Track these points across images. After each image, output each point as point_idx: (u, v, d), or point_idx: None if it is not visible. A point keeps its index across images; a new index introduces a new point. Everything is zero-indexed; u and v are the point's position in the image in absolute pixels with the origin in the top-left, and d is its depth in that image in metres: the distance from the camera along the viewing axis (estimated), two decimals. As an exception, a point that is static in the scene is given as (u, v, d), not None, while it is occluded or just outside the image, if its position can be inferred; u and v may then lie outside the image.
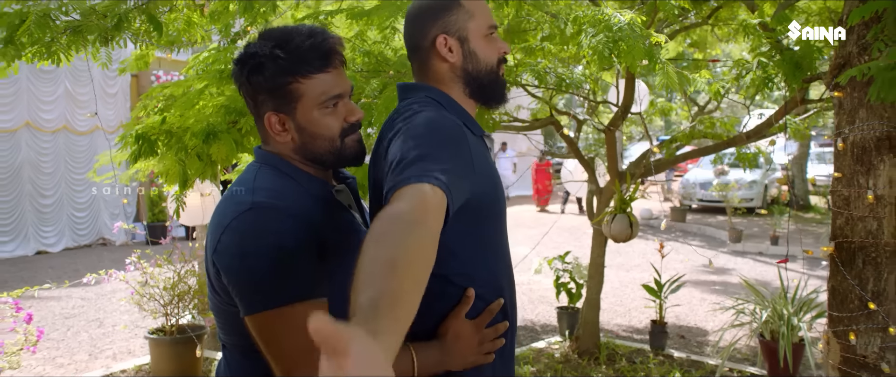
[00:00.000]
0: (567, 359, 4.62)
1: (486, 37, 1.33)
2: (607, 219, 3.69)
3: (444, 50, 1.31)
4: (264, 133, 1.27)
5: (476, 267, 1.27)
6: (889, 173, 2.08)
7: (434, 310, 1.24)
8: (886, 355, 2.06)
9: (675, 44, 5.46)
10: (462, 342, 1.23)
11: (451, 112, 1.28)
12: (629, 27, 2.23)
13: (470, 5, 1.32)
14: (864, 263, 2.12)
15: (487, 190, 1.28)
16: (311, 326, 0.56)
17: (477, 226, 1.26)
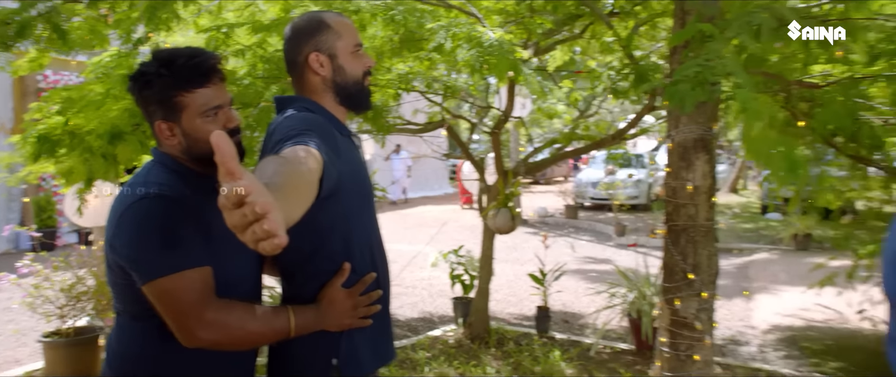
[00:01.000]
0: (460, 344, 5.01)
1: (352, 53, 1.62)
2: (492, 213, 4.08)
3: (316, 65, 1.59)
4: (156, 137, 1.53)
5: (351, 243, 1.56)
6: (703, 168, 2.56)
7: (315, 280, 1.53)
8: (700, 315, 2.54)
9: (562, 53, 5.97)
10: (337, 306, 1.51)
11: (321, 116, 1.56)
12: (498, 44, 2.60)
13: (338, 26, 1.61)
14: (686, 242, 2.59)
15: (356, 177, 1.58)
16: (214, 139, 0.79)
17: (350, 209, 1.55)
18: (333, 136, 1.51)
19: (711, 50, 1.93)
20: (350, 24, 1.66)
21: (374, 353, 1.67)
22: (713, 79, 1.82)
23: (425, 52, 3.76)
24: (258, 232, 0.80)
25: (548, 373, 4.43)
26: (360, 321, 1.57)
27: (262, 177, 1.02)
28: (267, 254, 0.90)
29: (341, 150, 1.51)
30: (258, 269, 1.61)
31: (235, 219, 0.81)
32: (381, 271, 1.67)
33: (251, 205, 0.79)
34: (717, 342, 5.37)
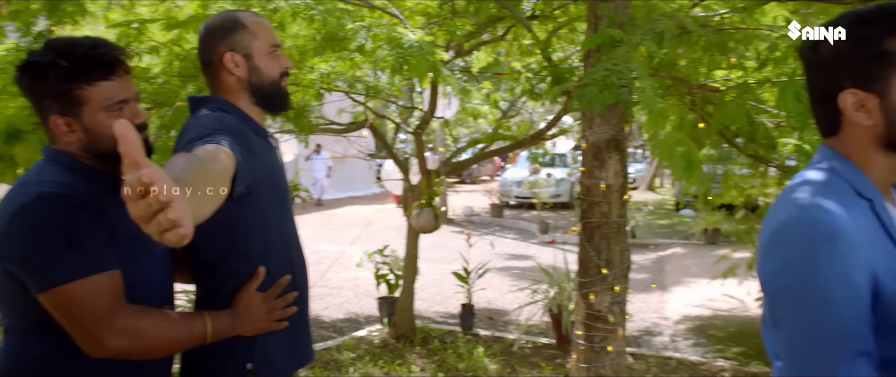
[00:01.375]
0: (385, 344, 5.02)
1: (269, 54, 1.60)
2: (415, 213, 4.11)
3: (231, 65, 1.56)
4: (50, 134, 1.42)
5: (267, 244, 1.55)
6: (615, 167, 2.67)
7: (229, 283, 1.50)
8: (613, 308, 2.66)
9: (485, 54, 6.05)
10: (253, 311, 1.49)
11: (236, 117, 1.54)
12: (418, 45, 2.63)
13: (254, 26, 1.58)
14: (599, 238, 2.70)
15: (272, 178, 1.57)
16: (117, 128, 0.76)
17: (266, 210, 1.54)
18: (248, 136, 1.49)
19: (618, 54, 2.03)
20: (267, 24, 1.65)
21: (291, 355, 1.65)
22: (620, 82, 1.91)
23: (347, 51, 3.76)
24: (163, 222, 0.78)
25: (472, 369, 4.50)
26: (276, 324, 1.55)
27: (172, 172, 0.99)
28: (173, 246, 0.87)
29: (256, 151, 1.49)
30: (169, 272, 1.56)
31: (140, 209, 0.78)
32: (299, 272, 1.66)
33: (156, 193, 0.77)
34: (632, 334, 5.61)
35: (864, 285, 1.05)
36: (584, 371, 2.74)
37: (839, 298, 1.03)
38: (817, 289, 1.05)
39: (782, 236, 1.12)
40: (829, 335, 1.03)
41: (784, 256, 1.11)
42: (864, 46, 1.11)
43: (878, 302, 1.06)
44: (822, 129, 1.22)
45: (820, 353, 1.04)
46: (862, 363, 1.02)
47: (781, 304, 1.12)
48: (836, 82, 1.14)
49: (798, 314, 1.08)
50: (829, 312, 1.04)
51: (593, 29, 2.71)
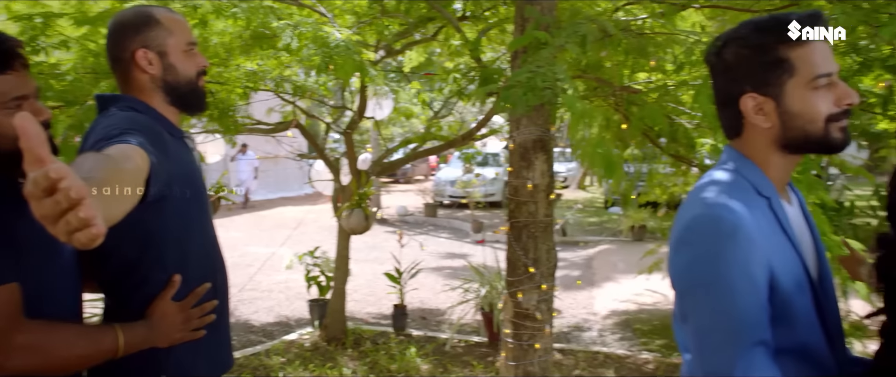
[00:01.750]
0: (316, 347, 4.94)
1: (185, 52, 1.53)
2: (345, 213, 4.07)
3: (144, 62, 1.49)
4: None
5: (185, 251, 1.49)
6: (541, 167, 2.72)
7: (143, 291, 1.43)
8: (541, 306, 2.70)
9: (417, 54, 6.05)
10: (168, 321, 1.42)
11: (149, 117, 1.48)
12: (345, 45, 2.60)
13: (169, 23, 1.52)
14: (527, 238, 2.74)
15: (189, 180, 1.51)
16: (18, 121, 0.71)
17: (182, 214, 1.48)
18: (162, 137, 1.43)
19: (543, 57, 2.06)
20: (183, 20, 1.58)
21: (210, 364, 1.60)
22: (544, 84, 1.95)
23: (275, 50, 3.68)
24: (72, 221, 0.72)
25: (404, 370, 4.49)
26: (193, 333, 1.49)
27: (80, 171, 0.93)
28: (83, 248, 0.81)
29: (171, 152, 1.43)
30: (78, 283, 1.47)
31: (46, 208, 0.72)
32: (219, 278, 1.61)
33: (65, 190, 0.71)
34: (562, 330, 5.73)
35: (762, 279, 1.10)
36: (513, 369, 2.77)
37: (740, 291, 1.09)
38: (720, 284, 1.10)
39: (690, 234, 1.17)
40: (731, 327, 1.09)
41: (691, 253, 1.16)
42: (761, 53, 1.17)
43: (773, 294, 1.12)
44: (726, 131, 1.28)
45: (722, 344, 1.09)
46: (760, 352, 1.07)
47: (689, 299, 1.17)
48: (738, 87, 1.20)
49: (703, 308, 1.13)
50: (731, 305, 1.09)
51: (520, 31, 2.74)
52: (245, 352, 4.83)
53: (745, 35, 1.20)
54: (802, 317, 1.17)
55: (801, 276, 1.17)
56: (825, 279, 1.27)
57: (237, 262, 8.57)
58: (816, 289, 1.20)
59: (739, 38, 1.20)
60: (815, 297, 1.19)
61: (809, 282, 1.19)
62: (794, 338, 1.16)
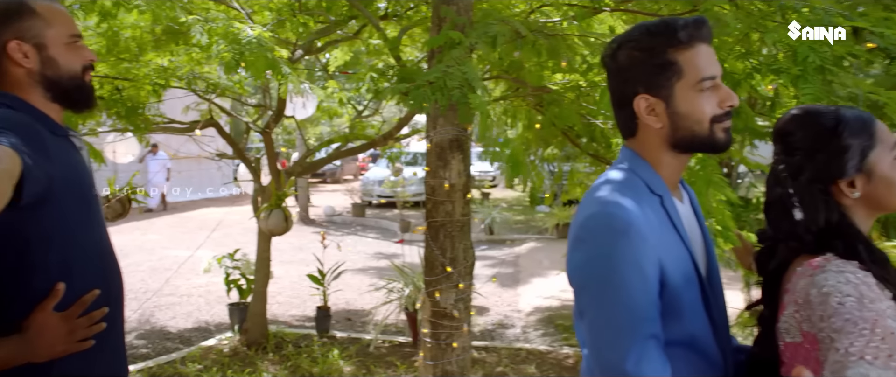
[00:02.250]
0: (235, 352, 4.80)
1: (67, 45, 1.43)
2: (264, 214, 3.96)
3: (18, 55, 1.38)
4: None
5: (71, 257, 1.39)
6: (458, 167, 2.73)
7: (22, 301, 1.33)
8: (458, 305, 2.71)
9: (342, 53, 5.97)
10: (48, 333, 1.32)
11: (24, 113, 1.38)
12: (257, 42, 2.53)
13: (47, 13, 1.41)
14: (444, 237, 2.75)
15: (75, 182, 1.42)
16: None
17: (68, 218, 1.38)
18: (40, 135, 1.34)
19: (452, 56, 2.07)
20: (64, 11, 1.48)
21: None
22: (452, 83, 1.95)
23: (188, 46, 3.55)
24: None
25: (326, 372, 4.42)
26: (79, 345, 1.39)
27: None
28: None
29: (53, 153, 1.34)
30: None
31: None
32: (112, 285, 1.51)
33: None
34: (487, 327, 5.79)
35: (653, 274, 1.14)
36: (432, 369, 2.77)
37: (632, 287, 1.12)
38: (613, 279, 1.13)
39: (585, 232, 1.20)
40: (623, 321, 1.11)
41: (586, 251, 1.18)
42: (651, 56, 1.20)
43: (663, 289, 1.16)
44: (622, 131, 1.31)
45: (615, 338, 1.12)
46: (651, 346, 1.11)
47: (585, 295, 1.20)
48: (631, 88, 1.24)
49: (598, 303, 1.16)
50: (623, 300, 1.12)
51: (437, 30, 2.74)
52: (158, 360, 4.63)
53: (637, 38, 1.23)
54: (690, 309, 1.21)
55: (689, 271, 1.22)
56: (713, 273, 1.32)
57: (155, 266, 8.24)
58: (704, 283, 1.25)
59: (632, 40, 1.23)
60: (702, 291, 1.24)
61: (698, 277, 1.23)
62: (682, 329, 1.20)
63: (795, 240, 1.22)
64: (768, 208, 1.29)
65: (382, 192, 14.14)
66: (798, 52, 1.79)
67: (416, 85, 1.93)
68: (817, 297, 1.09)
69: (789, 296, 1.18)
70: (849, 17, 1.89)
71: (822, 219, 1.20)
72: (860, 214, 1.21)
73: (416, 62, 4.65)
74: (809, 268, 1.15)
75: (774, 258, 1.27)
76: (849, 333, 0.98)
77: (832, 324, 1.02)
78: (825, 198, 1.20)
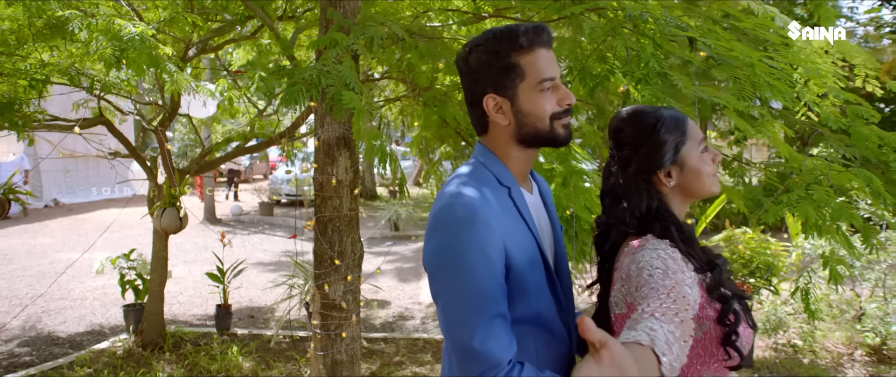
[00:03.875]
0: (130, 353, 4.58)
1: None
2: (158, 213, 3.81)
3: None
4: None
5: None
6: (345, 163, 2.74)
7: None
8: (347, 296, 2.73)
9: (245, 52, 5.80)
10: None
11: None
12: (139, 39, 2.43)
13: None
14: (332, 231, 2.75)
15: None
16: None
17: None
18: None
19: (329, 56, 2.08)
20: None
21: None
22: (327, 81, 1.96)
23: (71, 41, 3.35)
24: None
25: (224, 369, 4.30)
26: None
27: None
28: None
29: None
30: None
31: None
32: None
33: None
34: (388, 319, 5.82)
35: (499, 259, 1.21)
36: (321, 358, 2.77)
37: (478, 271, 1.18)
38: (461, 265, 1.19)
39: (436, 222, 1.25)
40: (471, 302, 1.17)
41: (437, 239, 1.24)
42: (497, 59, 1.28)
43: (509, 272, 1.23)
44: (476, 128, 1.38)
45: (463, 318, 1.18)
46: (497, 324, 1.17)
47: (437, 280, 1.25)
48: (481, 88, 1.30)
49: (448, 286, 1.21)
50: (470, 283, 1.18)
51: (324, 31, 2.74)
52: (43, 367, 4.35)
53: (485, 43, 1.30)
54: (535, 290, 1.29)
55: (535, 255, 1.30)
56: (560, 257, 1.42)
57: (45, 270, 7.70)
58: (549, 266, 1.33)
59: (480, 45, 1.30)
60: (547, 273, 1.32)
61: (543, 260, 1.31)
62: (528, 308, 1.27)
63: (624, 225, 1.33)
64: (603, 196, 1.40)
65: (290, 191, 13.85)
66: (642, 58, 1.93)
67: (291, 82, 1.93)
68: (635, 272, 1.20)
69: (618, 273, 1.29)
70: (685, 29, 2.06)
71: (644, 206, 1.31)
72: (675, 201, 1.34)
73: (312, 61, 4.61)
74: (632, 249, 1.26)
75: (608, 241, 1.38)
76: (650, 298, 1.09)
77: (642, 292, 1.13)
78: (647, 188, 1.32)
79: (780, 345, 4.73)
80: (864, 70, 3.47)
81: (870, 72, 3.56)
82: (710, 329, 1.22)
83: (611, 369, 0.77)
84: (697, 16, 2.14)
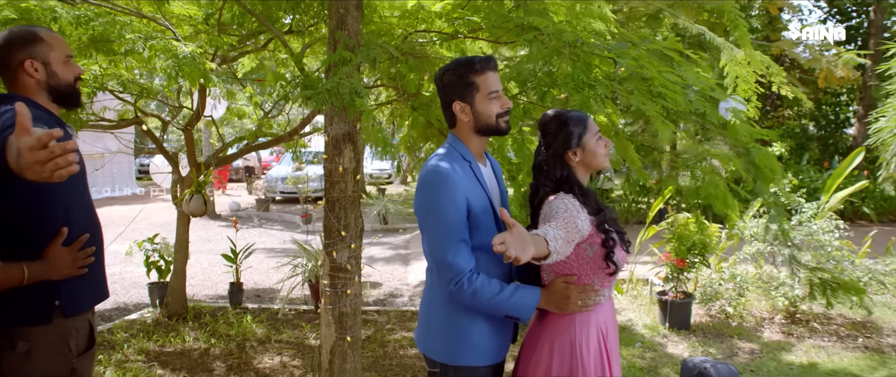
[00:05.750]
0: (158, 322, 5.16)
1: (64, 62, 1.97)
2: (187, 199, 4.39)
3: (31, 69, 1.91)
4: None
5: (68, 211, 1.92)
6: (349, 155, 3.35)
7: (39, 239, 1.86)
8: (350, 261, 3.34)
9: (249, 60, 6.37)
10: (59, 260, 1.87)
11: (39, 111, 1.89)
12: (191, 56, 3.03)
13: (50, 40, 1.95)
14: (339, 209, 3.36)
15: None
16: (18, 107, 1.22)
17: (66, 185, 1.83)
18: (51, 125, 1.85)
19: (344, 71, 2.69)
20: (61, 38, 2.00)
21: (92, 294, 2.05)
22: (343, 91, 2.56)
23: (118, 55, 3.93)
24: (61, 162, 1.21)
25: (241, 334, 4.89)
26: (79, 270, 1.92)
27: None
28: (61, 181, 1.27)
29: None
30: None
31: (43, 155, 1.20)
32: (95, 232, 2.04)
33: (58, 147, 1.20)
34: (380, 297, 6.43)
35: (462, 206, 1.84)
36: (330, 311, 3.37)
37: (448, 213, 1.81)
38: (438, 209, 1.82)
39: (422, 184, 1.88)
40: (445, 232, 1.81)
41: (423, 194, 1.87)
42: (460, 78, 1.91)
43: (470, 215, 1.85)
44: (448, 124, 2.01)
45: (440, 241, 1.81)
46: (462, 247, 1.80)
47: (424, 221, 1.88)
48: (450, 97, 1.94)
49: (430, 224, 1.85)
50: (444, 220, 1.81)
51: (332, 49, 3.34)
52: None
53: (454, 68, 1.93)
54: (485, 228, 1.92)
55: (486, 205, 1.93)
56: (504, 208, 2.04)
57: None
58: (496, 213, 1.96)
59: (450, 69, 1.94)
60: (495, 218, 1.95)
61: (492, 209, 1.94)
62: (482, 239, 1.91)
63: (545, 186, 1.97)
64: (534, 168, 2.03)
65: (285, 188, 14.37)
66: (573, 75, 2.56)
67: (317, 91, 2.54)
68: (549, 211, 1.84)
69: (541, 216, 1.92)
70: (610, 50, 2.69)
71: (558, 174, 1.95)
72: (579, 171, 1.98)
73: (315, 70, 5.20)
74: (549, 200, 1.90)
75: (537, 197, 2.01)
76: (553, 220, 1.73)
77: (549, 219, 1.77)
78: (560, 162, 1.96)
79: (715, 312, 5.41)
80: (777, 78, 4.17)
81: (782, 80, 4.28)
82: (597, 250, 1.86)
83: (517, 238, 1.40)
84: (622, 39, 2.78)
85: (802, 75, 13.15)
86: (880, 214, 11.96)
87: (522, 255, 1.40)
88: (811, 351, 4.52)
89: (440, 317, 1.95)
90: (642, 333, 5.00)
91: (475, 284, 1.80)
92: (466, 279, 1.80)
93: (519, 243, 1.41)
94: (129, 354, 4.38)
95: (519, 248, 1.41)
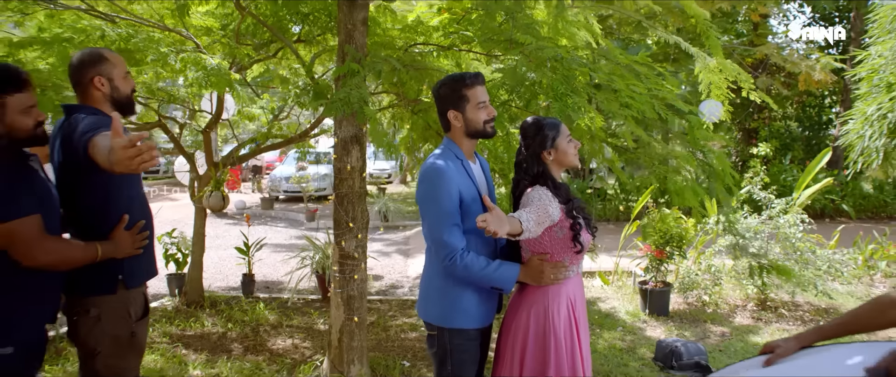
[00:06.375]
0: (178, 310, 5.53)
1: (124, 78, 2.35)
2: (206, 195, 4.76)
3: (99, 84, 2.30)
4: None
5: (130, 199, 2.32)
6: (356, 155, 3.72)
7: (105, 225, 2.25)
8: (357, 249, 3.71)
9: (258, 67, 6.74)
10: (122, 241, 2.26)
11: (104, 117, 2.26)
12: (218, 68, 3.40)
13: (113, 59, 2.35)
14: (347, 203, 3.73)
15: None
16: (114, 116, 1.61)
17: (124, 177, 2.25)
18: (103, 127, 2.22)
19: (353, 82, 3.06)
20: (121, 58, 2.38)
21: (146, 271, 2.44)
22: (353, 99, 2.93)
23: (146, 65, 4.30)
24: (146, 157, 1.59)
25: (255, 320, 5.26)
26: (136, 250, 2.30)
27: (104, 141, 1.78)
28: (140, 171, 1.65)
29: None
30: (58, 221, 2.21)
31: (131, 152, 1.58)
32: (149, 219, 2.41)
33: (145, 145, 1.58)
34: (382, 287, 6.80)
35: (455, 196, 2.22)
36: (339, 294, 3.75)
37: (444, 201, 2.19)
38: (436, 198, 2.20)
39: (422, 177, 2.26)
40: (441, 217, 2.19)
41: (423, 186, 2.25)
42: (454, 91, 2.29)
43: (461, 203, 2.23)
44: (443, 129, 2.39)
45: (437, 225, 2.19)
46: (455, 229, 2.18)
47: (424, 208, 2.26)
48: (445, 107, 2.32)
49: (429, 211, 2.22)
50: (440, 207, 2.19)
51: (341, 61, 3.72)
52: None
53: (448, 82, 2.31)
54: (475, 214, 2.30)
55: (475, 196, 2.31)
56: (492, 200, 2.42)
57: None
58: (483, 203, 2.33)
59: (446, 83, 2.32)
60: (483, 206, 2.32)
61: (480, 199, 2.32)
62: (472, 224, 2.28)
63: (525, 180, 2.34)
64: (516, 166, 2.41)
65: (289, 188, 14.73)
66: (553, 87, 2.93)
67: (331, 101, 2.92)
68: (526, 200, 2.21)
69: (520, 205, 2.29)
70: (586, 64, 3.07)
71: (535, 170, 2.33)
72: (553, 168, 2.36)
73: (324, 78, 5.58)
74: (528, 192, 2.27)
75: (517, 189, 2.38)
76: (528, 207, 2.10)
77: (526, 206, 2.14)
78: (537, 160, 2.33)
79: (692, 300, 5.79)
80: (746, 84, 4.56)
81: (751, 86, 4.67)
82: (566, 232, 2.24)
83: (495, 217, 1.78)
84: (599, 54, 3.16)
85: (786, 79, 13.55)
86: (859, 211, 12.38)
87: (500, 230, 1.79)
88: (776, 333, 4.91)
89: (437, 288, 2.32)
90: (624, 319, 5.38)
91: (466, 260, 2.17)
92: (459, 256, 2.18)
93: (497, 221, 1.80)
94: (154, 337, 4.76)
95: (497, 225, 1.79)
